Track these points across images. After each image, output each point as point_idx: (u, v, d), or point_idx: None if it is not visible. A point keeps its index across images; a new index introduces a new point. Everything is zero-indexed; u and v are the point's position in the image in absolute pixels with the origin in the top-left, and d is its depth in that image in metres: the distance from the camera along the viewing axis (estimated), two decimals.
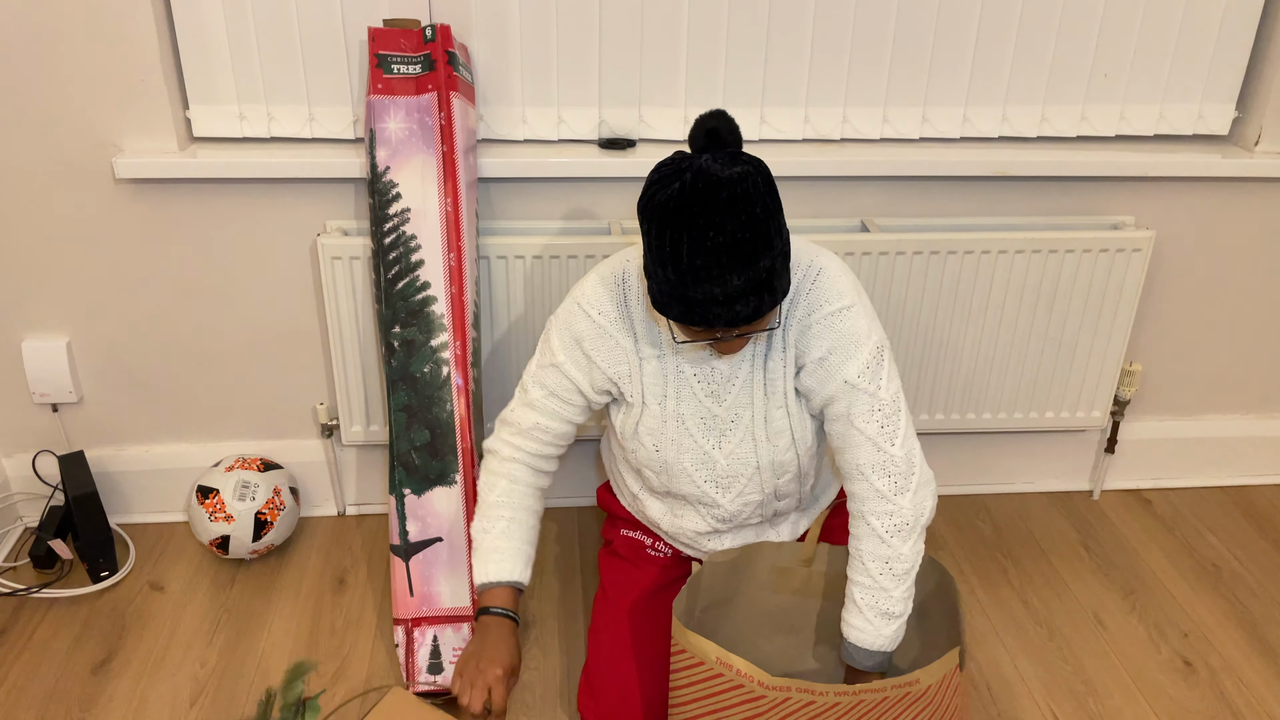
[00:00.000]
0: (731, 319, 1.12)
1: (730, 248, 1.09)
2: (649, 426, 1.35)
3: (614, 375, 1.34)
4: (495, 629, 1.33)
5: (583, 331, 1.33)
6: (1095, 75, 1.80)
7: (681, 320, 1.15)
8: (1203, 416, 2.14)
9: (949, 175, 1.81)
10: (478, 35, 1.68)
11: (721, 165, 1.09)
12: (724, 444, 1.35)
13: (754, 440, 1.34)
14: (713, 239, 1.08)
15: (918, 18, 1.72)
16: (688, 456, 1.36)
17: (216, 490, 1.81)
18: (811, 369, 1.28)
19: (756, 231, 1.10)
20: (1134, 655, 1.73)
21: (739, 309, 1.12)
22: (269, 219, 1.77)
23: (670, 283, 1.12)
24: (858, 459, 1.28)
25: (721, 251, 1.09)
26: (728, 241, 1.09)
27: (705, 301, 1.11)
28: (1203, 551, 1.99)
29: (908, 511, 1.27)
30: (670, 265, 1.11)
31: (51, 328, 1.83)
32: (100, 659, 1.66)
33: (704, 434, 1.35)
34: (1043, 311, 1.88)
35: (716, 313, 1.12)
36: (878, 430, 1.27)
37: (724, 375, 1.32)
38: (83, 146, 1.68)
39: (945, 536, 2.02)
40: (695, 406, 1.34)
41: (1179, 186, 1.88)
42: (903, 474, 1.27)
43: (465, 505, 1.60)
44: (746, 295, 1.11)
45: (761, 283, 1.12)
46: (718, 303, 1.11)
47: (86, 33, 1.60)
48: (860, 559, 1.29)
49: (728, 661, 1.23)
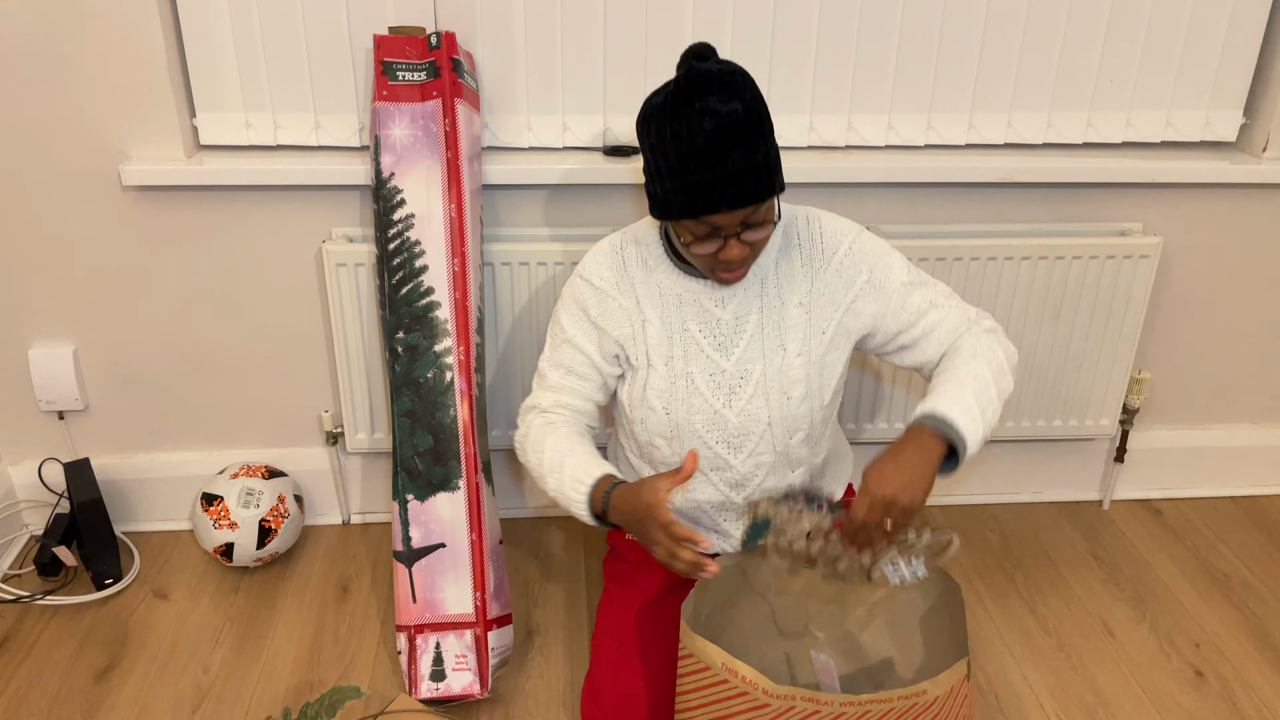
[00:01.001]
0: (737, 196, 1.17)
1: (728, 128, 1.15)
2: (657, 389, 1.37)
3: (619, 338, 1.38)
4: (635, 495, 1.26)
5: (586, 299, 1.39)
6: (1101, 82, 1.80)
7: (687, 212, 1.19)
8: (1213, 425, 2.13)
9: (955, 182, 1.81)
10: (483, 43, 1.69)
11: (710, 65, 1.18)
12: (734, 401, 1.36)
13: (766, 394, 1.35)
14: (710, 121, 1.15)
15: (922, 25, 1.72)
16: (699, 417, 1.37)
17: (221, 498, 1.80)
18: (865, 295, 1.36)
19: (750, 115, 1.16)
20: (1144, 665, 1.71)
21: (744, 186, 1.17)
22: (275, 226, 1.77)
23: (673, 173, 1.18)
24: (947, 320, 1.36)
25: (720, 131, 1.15)
26: (724, 123, 1.15)
27: (709, 182, 1.16)
28: (1214, 561, 1.97)
29: (997, 325, 1.39)
30: (672, 153, 1.17)
31: (58, 335, 1.83)
32: (103, 666, 1.66)
33: (714, 392, 1.36)
34: (1050, 319, 1.87)
35: (720, 192, 1.16)
36: (947, 297, 1.38)
37: (730, 327, 1.34)
38: (90, 154, 1.69)
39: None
40: (704, 364, 1.36)
41: (1186, 193, 1.87)
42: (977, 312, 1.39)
43: (468, 511, 1.60)
44: (746, 174, 1.17)
45: (760, 164, 1.17)
46: (721, 181, 1.16)
47: (94, 41, 1.61)
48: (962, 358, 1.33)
49: (733, 668, 1.22)
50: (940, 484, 2.11)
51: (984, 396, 1.27)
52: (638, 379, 1.39)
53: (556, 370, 1.43)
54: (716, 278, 1.29)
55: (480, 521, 1.60)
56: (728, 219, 1.19)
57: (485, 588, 1.59)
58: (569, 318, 1.41)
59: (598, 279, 1.38)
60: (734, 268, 1.26)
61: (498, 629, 1.61)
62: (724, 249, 1.23)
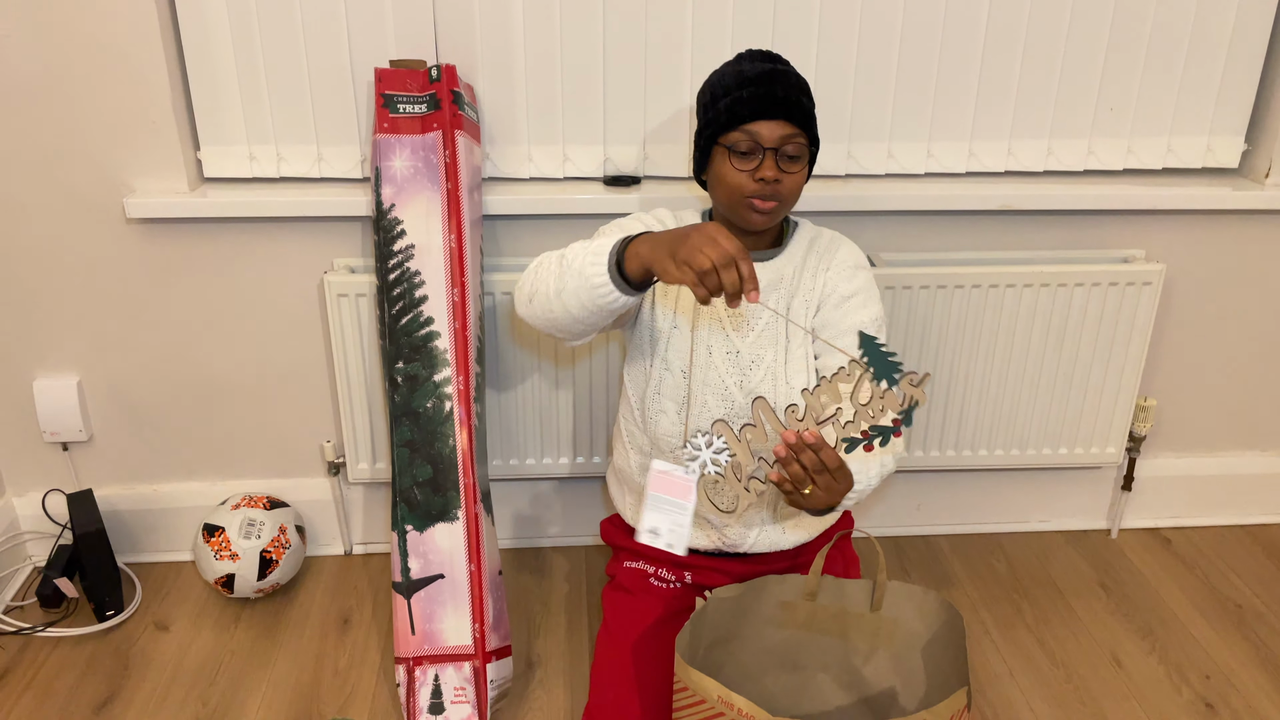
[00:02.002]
0: (783, 108, 1.31)
1: (783, 73, 1.35)
2: (679, 349, 1.42)
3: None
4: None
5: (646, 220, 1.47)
6: (1101, 109, 1.80)
7: (733, 121, 1.32)
8: (1222, 453, 2.11)
9: (955, 209, 1.81)
10: (483, 75, 1.71)
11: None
12: (745, 383, 1.41)
13: (774, 381, 1.40)
14: (766, 64, 1.36)
15: (921, 54, 1.73)
16: (710, 391, 1.41)
17: (222, 528, 1.80)
18: (835, 303, 1.41)
19: (799, 75, 1.37)
20: (1154, 697, 1.68)
21: (789, 105, 1.31)
22: (278, 257, 1.78)
23: (727, 92, 1.33)
24: None
25: (774, 72, 1.34)
26: (780, 69, 1.36)
27: (756, 97, 1.31)
28: (1224, 591, 1.94)
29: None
30: (730, 78, 1.35)
31: (62, 367, 1.85)
32: (103, 699, 1.65)
33: (728, 369, 1.41)
34: (1053, 346, 1.86)
35: (767, 105, 1.31)
36: None
37: (750, 310, 1.41)
38: (94, 186, 1.71)
39: (959, 575, 1.98)
40: (722, 340, 1.42)
41: (1189, 220, 1.86)
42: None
43: (467, 541, 1.59)
44: (792, 101, 1.32)
45: (805, 107, 1.34)
46: (769, 98, 1.31)
47: (99, 75, 1.63)
48: None
49: (729, 700, 1.20)
50: (947, 514, 2.09)
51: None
52: (660, 339, 1.43)
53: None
54: (747, 216, 1.36)
55: (479, 552, 1.59)
56: (770, 131, 1.31)
57: (484, 619, 1.58)
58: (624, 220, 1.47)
59: (658, 217, 1.47)
60: (765, 191, 1.33)
61: (497, 661, 1.59)
62: (761, 166, 1.32)
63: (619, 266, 1.23)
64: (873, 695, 1.42)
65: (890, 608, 1.40)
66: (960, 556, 2.04)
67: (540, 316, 1.34)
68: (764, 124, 1.32)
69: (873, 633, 1.41)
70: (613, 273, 1.23)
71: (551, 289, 1.29)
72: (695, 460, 1.20)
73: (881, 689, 1.42)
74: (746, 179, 1.33)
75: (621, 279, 1.23)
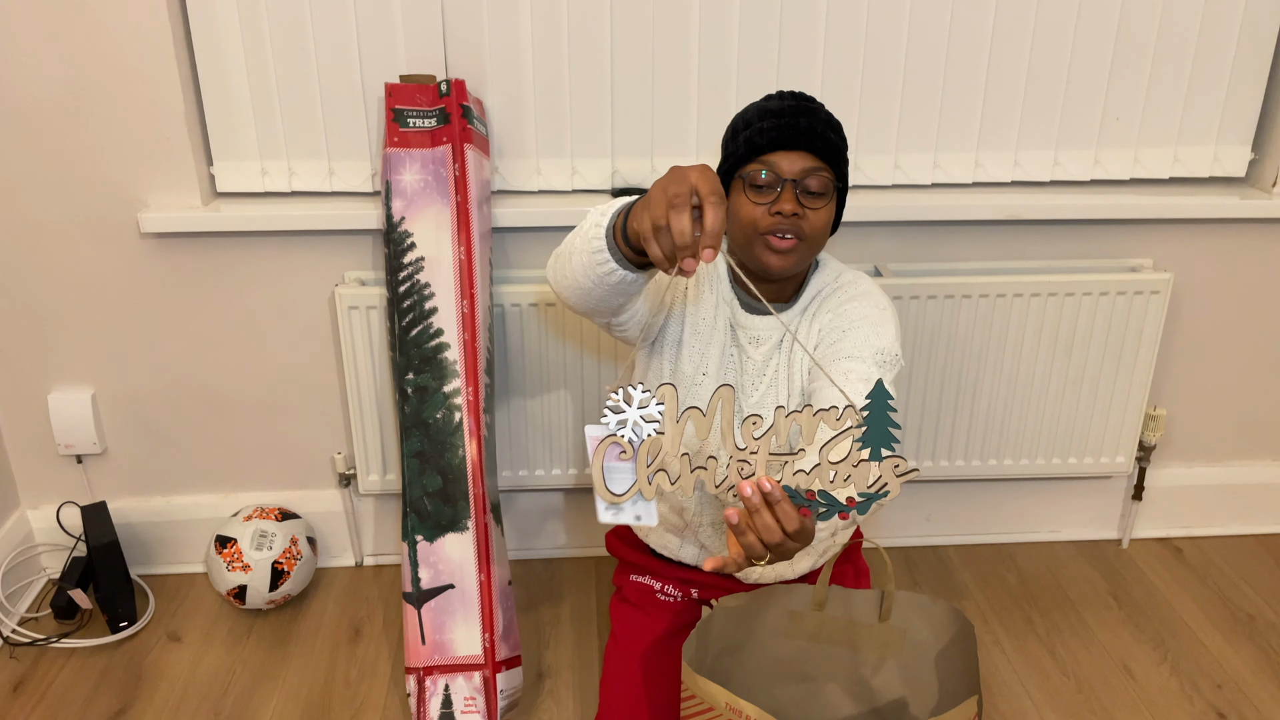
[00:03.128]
0: (804, 139, 1.24)
1: (807, 107, 1.27)
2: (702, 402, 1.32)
3: (688, 317, 1.34)
4: None
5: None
6: (1107, 119, 1.80)
7: (751, 152, 1.25)
8: (1233, 462, 2.10)
9: (962, 220, 1.82)
10: (492, 89, 1.72)
11: None
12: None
13: (776, 434, 1.32)
14: (794, 100, 1.29)
15: (928, 65, 1.74)
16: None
17: (234, 540, 1.82)
18: (834, 339, 1.29)
19: (827, 112, 1.29)
20: (1165, 708, 1.67)
21: (812, 136, 1.24)
22: (290, 271, 1.80)
23: (747, 125, 1.27)
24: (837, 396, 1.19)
25: (801, 107, 1.27)
26: (807, 103, 1.29)
27: (778, 128, 1.24)
28: (1236, 601, 1.93)
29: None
30: (752, 112, 1.29)
31: (77, 380, 1.86)
32: (115, 710, 1.66)
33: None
34: (1061, 356, 1.86)
35: (788, 135, 1.24)
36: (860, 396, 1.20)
37: (756, 368, 1.34)
38: (109, 202, 1.73)
39: (969, 586, 1.98)
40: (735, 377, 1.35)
41: (1196, 229, 1.86)
42: None
43: (477, 551, 1.60)
44: (815, 133, 1.25)
45: (830, 141, 1.26)
46: (791, 128, 1.24)
47: (113, 92, 1.65)
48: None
49: (738, 708, 1.20)
50: (956, 524, 2.09)
51: None
52: (684, 381, 1.34)
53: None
54: (764, 257, 1.26)
55: (489, 562, 1.60)
56: (790, 163, 1.24)
57: (494, 629, 1.58)
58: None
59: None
60: (782, 226, 1.23)
61: (507, 671, 1.60)
62: (779, 199, 1.24)
63: (624, 233, 1.06)
64: (882, 706, 1.42)
65: (899, 618, 1.39)
66: (970, 567, 2.04)
67: (556, 280, 1.21)
68: (784, 155, 1.24)
69: (882, 643, 1.40)
70: (610, 239, 1.07)
71: (566, 248, 1.17)
72: (617, 415, 0.95)
73: (891, 700, 1.42)
74: (762, 213, 1.24)
75: (626, 247, 1.07)
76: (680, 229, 0.93)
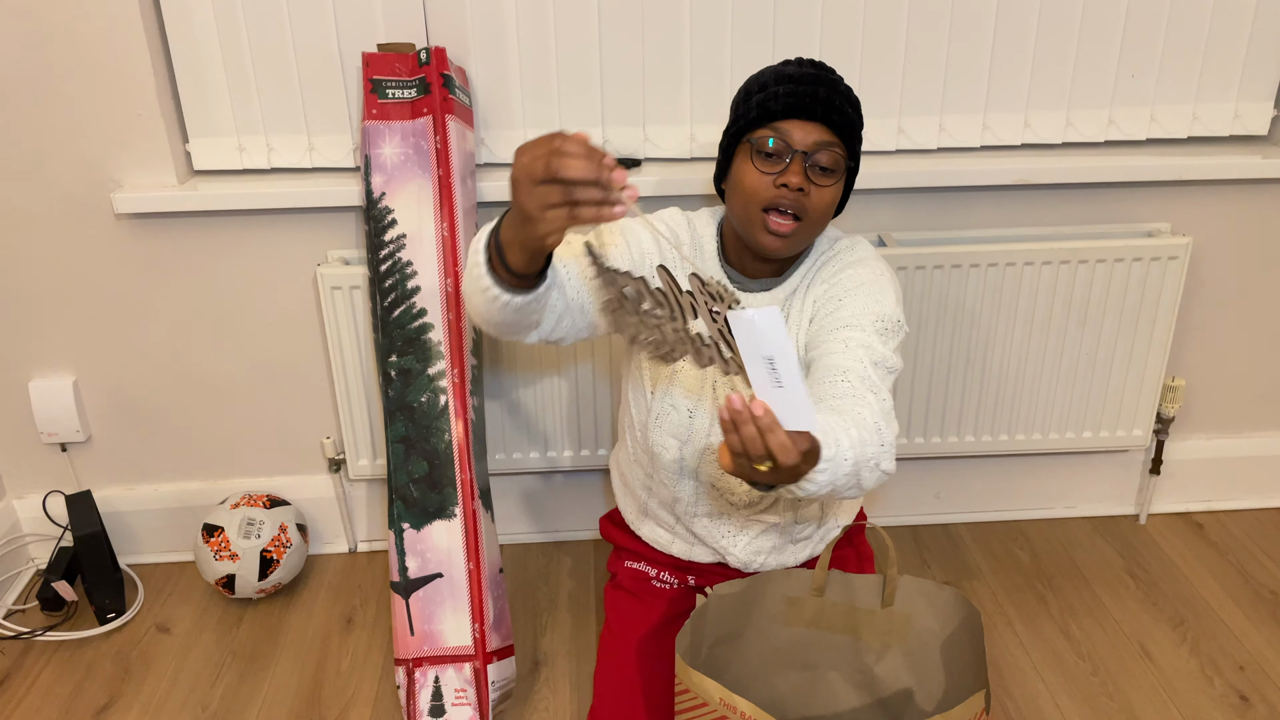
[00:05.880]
0: (820, 109, 1.17)
1: (825, 76, 1.20)
2: (686, 387, 1.29)
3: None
4: None
5: (650, 227, 1.26)
6: (1122, 76, 1.72)
7: (764, 116, 1.18)
8: (1254, 433, 2.02)
9: (970, 185, 1.74)
10: (476, 57, 1.65)
11: None
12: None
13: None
14: (811, 67, 1.21)
15: (932, 22, 1.65)
16: (714, 428, 1.30)
17: (221, 528, 1.77)
18: (831, 309, 1.21)
19: (845, 83, 1.21)
20: (1185, 690, 1.61)
21: (828, 107, 1.17)
22: (271, 250, 1.74)
23: (762, 88, 1.20)
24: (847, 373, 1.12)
25: (814, 74, 1.19)
26: (825, 72, 1.21)
27: (794, 94, 1.17)
28: (1259, 578, 1.86)
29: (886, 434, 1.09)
30: (768, 75, 1.21)
31: (58, 367, 1.82)
32: (102, 703, 1.62)
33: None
34: (1075, 325, 1.78)
35: (803, 103, 1.17)
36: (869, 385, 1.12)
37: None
38: (81, 183, 1.67)
39: (981, 565, 1.91)
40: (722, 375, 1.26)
41: (1216, 190, 1.78)
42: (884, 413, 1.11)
43: (465, 539, 1.55)
44: (831, 104, 1.18)
45: (846, 113, 1.19)
46: (807, 96, 1.17)
47: (82, 67, 1.59)
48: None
49: (731, 703, 1.15)
50: (967, 501, 2.03)
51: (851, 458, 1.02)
52: (664, 369, 1.29)
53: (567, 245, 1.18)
54: (760, 238, 1.19)
55: (478, 550, 1.54)
56: (804, 133, 1.17)
57: (484, 619, 1.53)
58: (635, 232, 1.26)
59: (673, 229, 1.29)
60: (785, 201, 1.16)
61: (498, 661, 1.55)
62: (787, 170, 1.17)
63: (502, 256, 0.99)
64: (887, 696, 1.36)
65: (902, 603, 1.33)
66: (981, 545, 1.97)
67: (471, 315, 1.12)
68: (798, 124, 1.17)
69: (885, 630, 1.34)
70: (492, 259, 1.00)
71: (464, 290, 1.10)
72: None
73: (896, 689, 1.36)
74: (767, 183, 1.17)
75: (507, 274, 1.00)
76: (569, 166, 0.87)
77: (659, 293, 0.94)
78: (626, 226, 1.27)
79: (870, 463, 1.04)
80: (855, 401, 1.09)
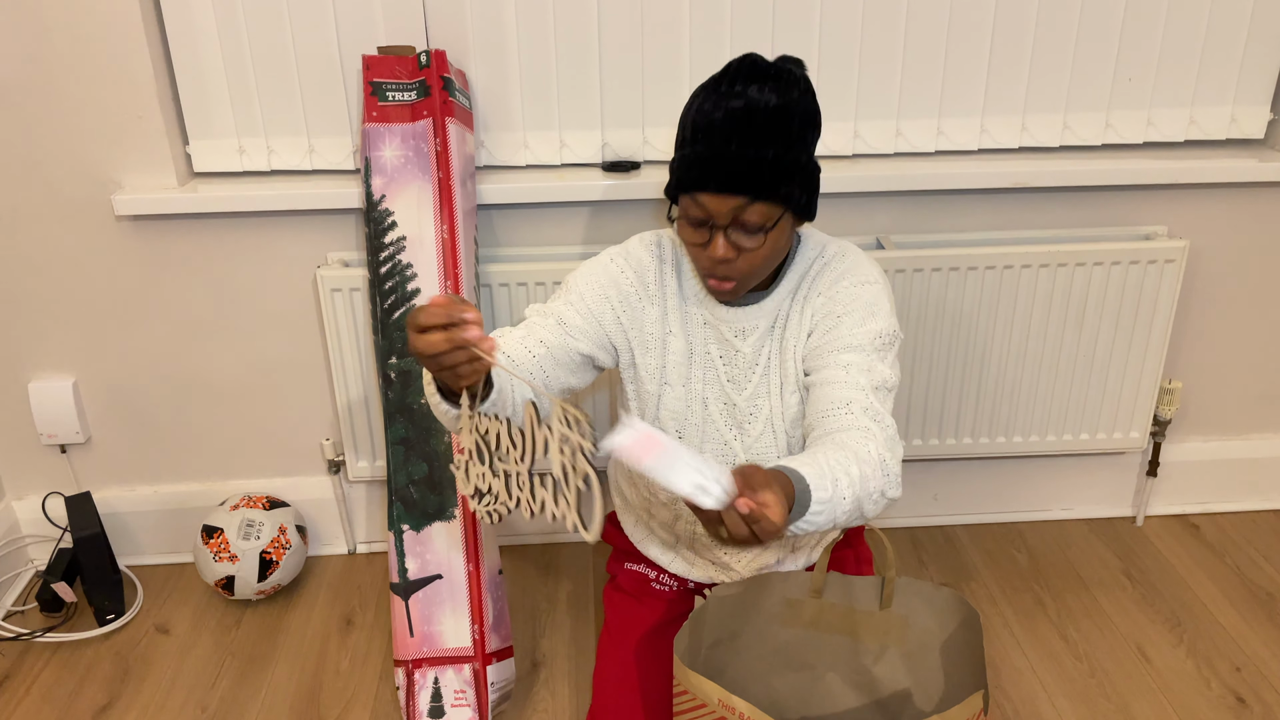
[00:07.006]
0: (726, 179, 1.10)
1: (747, 114, 1.09)
2: (672, 410, 1.30)
3: (634, 341, 1.28)
4: None
5: (622, 281, 1.27)
6: (1119, 80, 1.72)
7: (680, 185, 1.15)
8: (1251, 436, 2.03)
9: (967, 189, 1.74)
10: (476, 60, 1.66)
11: (771, 61, 1.13)
12: (744, 437, 1.30)
13: (774, 432, 1.28)
14: (737, 102, 1.10)
15: (930, 26, 1.66)
16: (710, 445, 1.31)
17: (221, 530, 1.77)
18: (827, 327, 1.22)
19: (780, 112, 1.10)
20: (1182, 691, 1.61)
21: (738, 172, 1.10)
22: (271, 252, 1.74)
23: (683, 145, 1.15)
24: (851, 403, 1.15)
25: (740, 114, 1.09)
26: (748, 108, 1.09)
27: (706, 159, 1.11)
28: (1255, 579, 1.87)
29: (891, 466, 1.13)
30: (689, 125, 1.13)
31: (57, 368, 1.82)
32: (101, 705, 1.62)
33: (726, 423, 1.30)
34: (1073, 328, 1.79)
35: (712, 171, 1.11)
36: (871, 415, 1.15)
37: (747, 360, 1.28)
38: (81, 185, 1.67)
39: (978, 566, 1.92)
40: (718, 391, 1.29)
41: (1213, 194, 1.79)
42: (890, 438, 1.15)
43: (464, 540, 1.55)
44: (747, 164, 1.10)
45: (766, 161, 1.10)
46: (719, 160, 1.10)
47: (84, 71, 1.59)
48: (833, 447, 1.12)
49: (730, 704, 1.15)
50: (965, 503, 2.03)
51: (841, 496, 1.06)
52: (649, 398, 1.30)
53: (544, 317, 1.25)
54: (712, 292, 1.21)
55: (477, 551, 1.55)
56: (717, 205, 1.12)
57: (484, 620, 1.53)
58: (590, 284, 1.27)
59: (637, 266, 1.28)
60: (717, 271, 1.16)
61: (498, 663, 1.55)
62: (710, 243, 1.14)
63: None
64: (885, 697, 1.37)
65: (900, 605, 1.34)
66: (979, 547, 1.98)
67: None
68: (712, 197, 1.12)
69: (883, 631, 1.35)
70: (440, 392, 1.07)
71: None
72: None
73: (895, 690, 1.36)
74: (699, 251, 1.17)
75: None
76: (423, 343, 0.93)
77: (519, 431, 0.97)
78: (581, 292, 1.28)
79: (873, 495, 1.09)
80: (860, 435, 1.12)
